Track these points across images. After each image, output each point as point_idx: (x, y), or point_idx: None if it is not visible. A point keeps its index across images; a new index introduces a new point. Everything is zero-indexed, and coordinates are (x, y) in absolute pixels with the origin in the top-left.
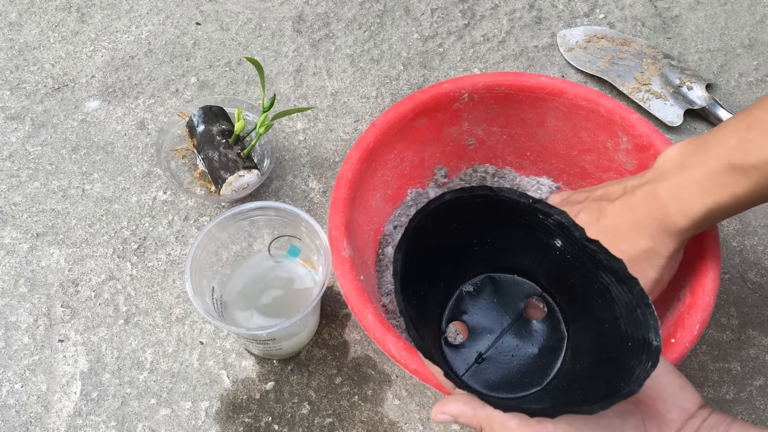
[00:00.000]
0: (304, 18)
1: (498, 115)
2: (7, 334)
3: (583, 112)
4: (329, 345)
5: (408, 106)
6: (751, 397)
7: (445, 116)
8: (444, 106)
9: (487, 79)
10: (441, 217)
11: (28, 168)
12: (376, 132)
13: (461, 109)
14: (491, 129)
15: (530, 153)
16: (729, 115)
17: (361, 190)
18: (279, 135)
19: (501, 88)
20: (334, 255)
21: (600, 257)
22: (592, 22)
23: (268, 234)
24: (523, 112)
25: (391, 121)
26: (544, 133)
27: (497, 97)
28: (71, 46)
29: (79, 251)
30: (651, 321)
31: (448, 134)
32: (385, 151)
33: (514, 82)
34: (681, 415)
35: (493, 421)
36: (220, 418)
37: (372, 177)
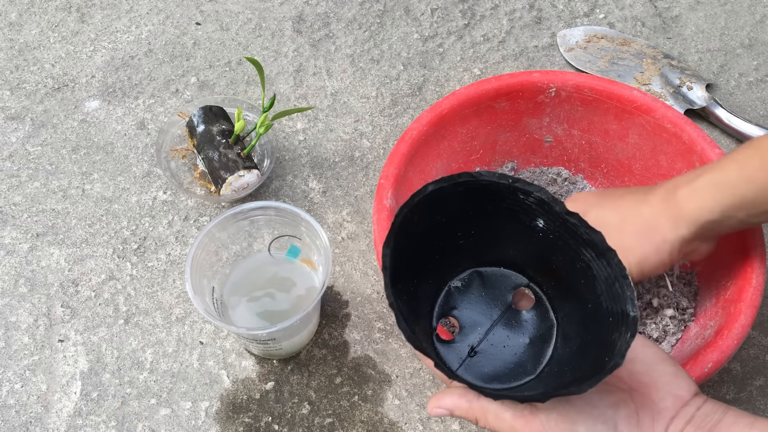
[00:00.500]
0: (304, 18)
1: (581, 118)
2: (7, 334)
3: (666, 135)
4: (329, 345)
5: (492, 85)
6: (751, 397)
7: (527, 105)
8: (529, 94)
9: (578, 79)
10: (426, 210)
11: (28, 168)
12: (453, 101)
13: (545, 103)
14: (571, 131)
15: (605, 165)
16: (729, 115)
17: (423, 153)
18: (279, 135)
19: (591, 91)
20: (377, 201)
21: (580, 231)
22: (592, 22)
23: (268, 234)
24: (607, 121)
25: (471, 95)
26: (623, 148)
27: (584, 100)
28: (71, 46)
29: (79, 251)
30: (627, 292)
31: (527, 125)
32: (459, 122)
33: (606, 88)
34: (675, 403)
35: (488, 413)
36: (220, 418)
37: (438, 143)
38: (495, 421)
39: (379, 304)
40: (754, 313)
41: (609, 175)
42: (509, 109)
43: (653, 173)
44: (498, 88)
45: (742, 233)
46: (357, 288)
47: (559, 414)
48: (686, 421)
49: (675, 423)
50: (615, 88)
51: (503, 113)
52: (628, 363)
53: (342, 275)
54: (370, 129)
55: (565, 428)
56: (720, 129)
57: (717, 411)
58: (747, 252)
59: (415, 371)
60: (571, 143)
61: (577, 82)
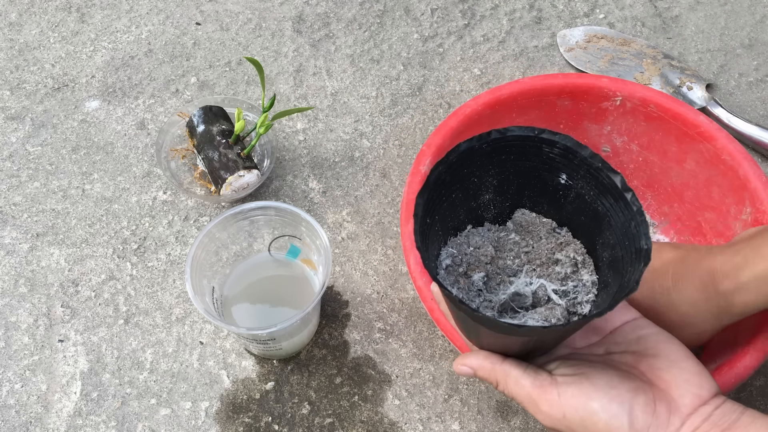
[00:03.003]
0: (304, 18)
1: (642, 134)
2: (7, 334)
3: (723, 168)
4: (329, 345)
5: (559, 81)
6: (751, 397)
7: (591, 109)
8: (594, 98)
9: (646, 93)
10: (456, 169)
11: (28, 168)
12: (515, 88)
13: (609, 111)
14: (630, 145)
15: (657, 187)
16: (729, 115)
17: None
18: (279, 135)
19: (656, 107)
20: (414, 166)
21: (602, 176)
22: (592, 22)
23: (268, 234)
24: (668, 142)
25: (536, 86)
26: (678, 172)
27: (649, 115)
28: (71, 46)
29: (79, 251)
30: (642, 228)
31: (587, 129)
32: (516, 110)
33: (672, 108)
34: (693, 401)
35: (509, 377)
36: (220, 418)
37: (490, 126)
38: (514, 386)
39: (379, 304)
40: (760, 360)
41: (659, 198)
42: (571, 109)
43: (704, 204)
44: (564, 85)
45: None
46: (357, 288)
47: (577, 388)
48: (703, 419)
49: (692, 419)
50: (682, 109)
51: (564, 112)
52: (650, 357)
53: (342, 275)
54: (370, 129)
55: (581, 402)
56: None
57: (735, 411)
58: None
59: (415, 371)
60: (628, 157)
61: (645, 95)
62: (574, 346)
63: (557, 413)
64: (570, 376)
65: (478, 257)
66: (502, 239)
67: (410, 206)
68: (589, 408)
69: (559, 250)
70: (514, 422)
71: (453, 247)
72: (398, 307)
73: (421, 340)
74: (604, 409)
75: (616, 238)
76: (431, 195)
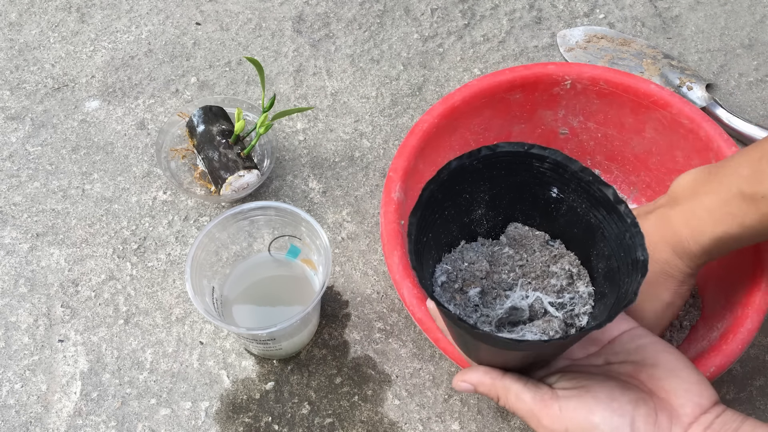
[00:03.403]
0: (304, 18)
1: (597, 111)
2: (7, 334)
3: (683, 131)
4: (329, 345)
5: (506, 77)
6: (751, 397)
7: (542, 97)
8: (544, 86)
9: (594, 71)
10: (449, 187)
11: (28, 168)
12: (465, 93)
13: (560, 95)
14: (587, 124)
15: (621, 159)
16: (729, 115)
17: (434, 145)
18: (279, 135)
19: (607, 84)
20: (385, 194)
21: (594, 189)
22: (592, 22)
23: (268, 234)
24: (623, 115)
25: (484, 87)
26: (639, 142)
27: (600, 93)
28: (71, 46)
29: (79, 251)
30: (637, 239)
31: (542, 117)
32: (472, 114)
33: (622, 81)
34: (694, 410)
35: (509, 392)
36: (220, 418)
37: (450, 135)
38: (515, 401)
39: (379, 304)
40: (761, 318)
41: (625, 170)
42: (524, 101)
43: (669, 168)
44: (512, 80)
45: None
46: (357, 288)
47: (578, 401)
48: (704, 428)
49: (693, 429)
50: (631, 81)
51: (517, 105)
52: (650, 367)
53: (342, 275)
54: (370, 129)
55: (582, 415)
56: None
57: (735, 420)
58: (759, 255)
59: (415, 371)
60: (587, 136)
61: (593, 74)
62: (573, 357)
63: (559, 428)
64: (571, 390)
65: (473, 272)
66: (496, 253)
67: (391, 238)
68: (590, 421)
69: (554, 263)
70: (514, 422)
71: (447, 263)
72: (398, 307)
73: (421, 340)
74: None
75: (610, 249)
76: (424, 213)
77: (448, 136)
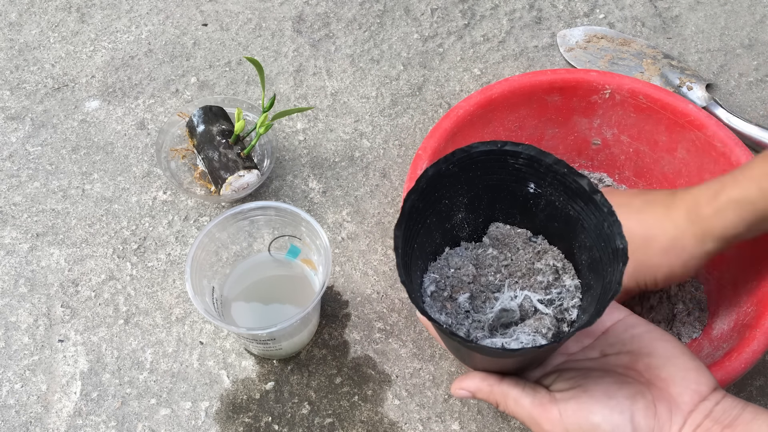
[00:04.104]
0: (304, 18)
1: (632, 125)
2: (7, 334)
3: (715, 154)
4: (329, 345)
5: (547, 77)
6: (751, 397)
7: (580, 103)
8: (583, 93)
9: (635, 85)
10: (429, 195)
11: (28, 168)
12: (505, 87)
13: (598, 104)
14: (621, 137)
15: (649, 176)
16: (729, 115)
17: (466, 132)
18: (279, 135)
19: (645, 98)
20: (411, 170)
21: (569, 180)
22: (592, 22)
23: (268, 234)
24: (658, 132)
25: (524, 84)
26: (670, 161)
27: (638, 107)
28: (71, 46)
29: (79, 251)
30: (615, 228)
31: (576, 123)
32: (508, 109)
33: (661, 98)
34: (693, 397)
35: (508, 398)
36: (220, 418)
37: (483, 126)
38: (514, 406)
39: (379, 304)
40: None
41: (651, 187)
42: (561, 105)
43: None
44: (553, 81)
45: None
46: (357, 288)
47: (576, 403)
48: (704, 416)
49: (693, 417)
50: (670, 99)
51: (554, 108)
52: (645, 356)
53: (342, 275)
54: (370, 129)
55: (582, 417)
56: None
57: (736, 406)
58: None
59: (415, 371)
60: (619, 149)
61: (633, 87)
62: (569, 351)
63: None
64: (568, 391)
65: (460, 278)
66: (481, 256)
67: None
68: (590, 422)
69: (538, 259)
70: (513, 422)
71: (434, 271)
72: (398, 307)
73: (421, 340)
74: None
75: (591, 240)
76: (408, 224)
77: (482, 126)
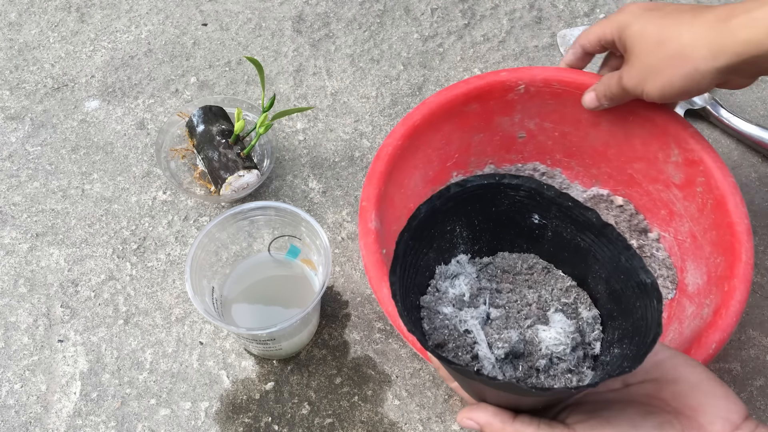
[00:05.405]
0: (304, 18)
1: (552, 111)
2: (6, 334)
3: (639, 120)
4: (329, 345)
5: (462, 90)
6: (751, 398)
7: (498, 105)
8: (498, 94)
9: (546, 73)
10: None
11: (27, 168)
12: (424, 111)
13: (515, 101)
14: (544, 124)
15: (580, 153)
16: (729, 115)
17: (400, 167)
18: (279, 135)
19: (559, 84)
20: (361, 225)
21: (575, 214)
22: (592, 21)
23: (268, 234)
24: (578, 111)
25: (442, 102)
26: (596, 135)
27: (554, 93)
28: (71, 46)
29: (78, 251)
30: (635, 262)
31: (499, 124)
32: (431, 130)
33: (574, 79)
34: (725, 426)
35: None
36: (220, 418)
37: (413, 155)
38: None
39: (379, 305)
40: (747, 287)
41: (585, 164)
42: (480, 111)
43: (629, 157)
44: (467, 92)
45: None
46: (357, 288)
47: None
48: None
49: None
50: (582, 78)
51: (475, 115)
52: (671, 384)
53: (342, 275)
54: (370, 129)
55: None
56: (720, 129)
57: None
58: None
59: (415, 371)
60: (545, 136)
61: (545, 76)
62: None
63: None
64: (588, 422)
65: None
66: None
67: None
68: None
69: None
70: None
71: None
72: None
73: None
74: None
75: (607, 271)
76: (403, 266)
77: (412, 156)
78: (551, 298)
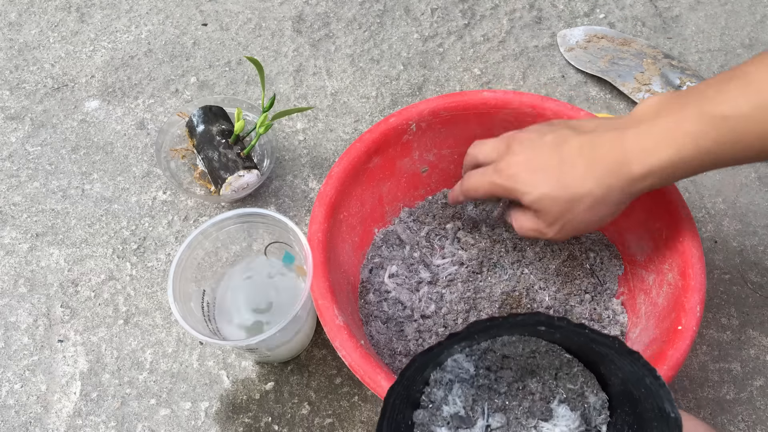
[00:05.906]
0: (304, 18)
1: (447, 136)
2: (6, 334)
3: (530, 119)
4: (329, 345)
5: (360, 150)
6: (751, 398)
7: (396, 150)
8: (394, 140)
9: (431, 105)
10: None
11: (27, 168)
12: (335, 184)
13: (411, 140)
14: (441, 152)
15: None
16: None
17: (332, 246)
18: (279, 135)
19: (446, 110)
20: (329, 325)
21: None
22: (592, 22)
23: (262, 240)
24: (470, 129)
25: (347, 169)
26: None
27: (444, 121)
28: (71, 46)
29: (78, 251)
30: (662, 392)
31: (401, 167)
32: (346, 199)
33: (459, 102)
34: None
35: None
36: (220, 418)
37: (339, 230)
38: None
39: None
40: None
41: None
42: (382, 162)
43: None
44: (366, 149)
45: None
46: None
47: None
48: None
49: None
50: (467, 98)
51: (379, 168)
52: None
53: None
54: None
55: None
56: None
57: None
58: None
59: None
60: (446, 163)
61: (431, 107)
62: None
63: None
64: None
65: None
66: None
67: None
68: None
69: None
70: None
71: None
72: None
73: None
74: None
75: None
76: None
77: (338, 232)
78: (556, 385)
